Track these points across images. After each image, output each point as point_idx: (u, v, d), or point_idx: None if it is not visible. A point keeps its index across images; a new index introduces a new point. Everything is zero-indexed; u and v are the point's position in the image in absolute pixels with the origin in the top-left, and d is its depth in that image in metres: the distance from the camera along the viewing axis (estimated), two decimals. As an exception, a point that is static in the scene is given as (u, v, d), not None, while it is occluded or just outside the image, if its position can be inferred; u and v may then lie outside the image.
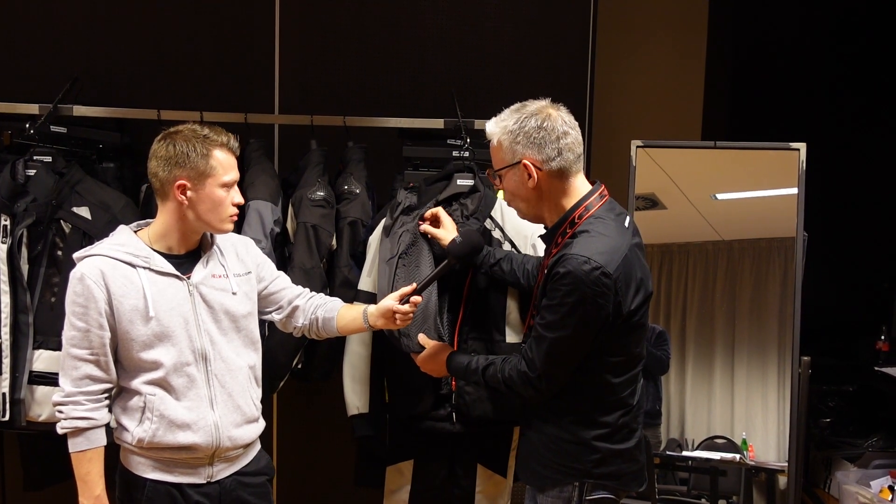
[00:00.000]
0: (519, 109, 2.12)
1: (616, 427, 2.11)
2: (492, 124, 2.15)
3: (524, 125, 2.08)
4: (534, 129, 2.07)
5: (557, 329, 2.01)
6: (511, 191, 2.16)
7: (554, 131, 2.07)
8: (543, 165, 2.08)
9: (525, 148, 2.08)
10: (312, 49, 3.49)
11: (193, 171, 2.10)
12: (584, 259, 1.97)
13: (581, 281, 1.96)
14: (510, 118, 2.11)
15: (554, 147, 2.07)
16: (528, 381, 2.09)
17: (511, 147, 2.09)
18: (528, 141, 2.07)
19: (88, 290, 2.06)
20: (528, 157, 2.08)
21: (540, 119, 2.08)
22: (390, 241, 2.66)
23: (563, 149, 2.08)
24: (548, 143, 2.07)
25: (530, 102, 2.13)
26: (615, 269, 1.99)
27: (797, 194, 3.27)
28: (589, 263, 1.96)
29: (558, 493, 2.13)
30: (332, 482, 3.61)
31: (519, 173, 2.10)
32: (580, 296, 1.97)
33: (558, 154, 2.07)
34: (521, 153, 2.08)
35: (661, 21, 4.36)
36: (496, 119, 2.15)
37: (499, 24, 3.52)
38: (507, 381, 2.14)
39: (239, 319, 2.23)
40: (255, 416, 2.28)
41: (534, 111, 2.10)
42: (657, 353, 3.35)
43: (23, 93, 3.13)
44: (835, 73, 4.58)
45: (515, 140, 2.08)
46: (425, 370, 2.41)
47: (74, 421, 2.08)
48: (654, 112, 4.30)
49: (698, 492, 3.39)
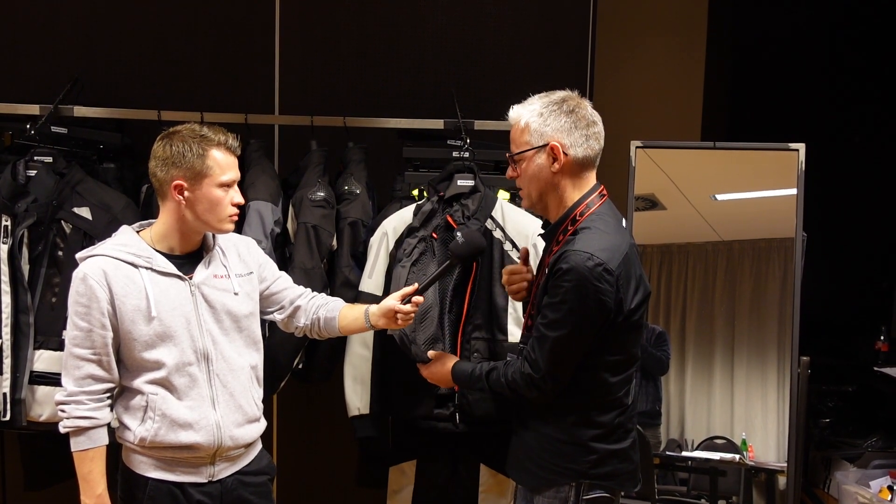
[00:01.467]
0: (547, 95, 2.12)
1: (612, 427, 2.11)
2: (518, 107, 2.13)
3: (555, 109, 2.08)
4: (565, 113, 2.07)
5: (560, 327, 2.01)
6: (529, 176, 2.12)
7: (584, 118, 2.08)
8: (570, 150, 2.07)
9: (555, 131, 2.07)
10: (313, 50, 3.49)
11: (189, 170, 2.10)
12: (587, 255, 1.97)
13: (584, 276, 1.96)
14: (538, 101, 2.11)
15: (582, 133, 2.07)
16: (531, 383, 2.07)
17: (540, 129, 2.08)
18: (558, 124, 2.06)
19: (91, 289, 2.07)
20: (557, 139, 2.07)
21: (572, 104, 2.09)
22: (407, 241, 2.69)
23: (591, 136, 2.09)
24: (578, 128, 2.07)
25: (557, 91, 2.13)
26: (617, 265, 1.99)
27: (796, 195, 3.27)
28: (592, 259, 1.97)
29: (555, 494, 2.12)
30: (332, 483, 3.61)
31: (544, 157, 2.08)
32: (583, 292, 1.97)
33: (585, 141, 2.08)
34: (550, 136, 2.07)
35: (661, 21, 4.36)
36: (521, 104, 2.14)
37: (499, 25, 3.53)
38: (511, 384, 2.12)
39: (241, 319, 2.24)
40: (256, 416, 2.28)
41: (563, 97, 2.10)
42: (657, 354, 3.36)
43: (23, 93, 3.14)
44: (834, 74, 4.58)
45: (545, 122, 2.07)
46: (432, 381, 2.39)
47: (77, 420, 2.09)
48: (654, 112, 4.30)
49: (698, 492, 3.40)
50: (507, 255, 2.75)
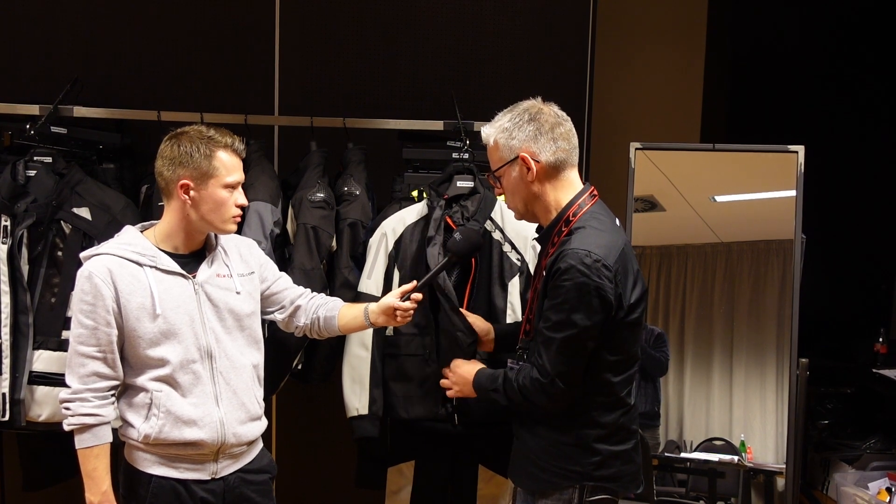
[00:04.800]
0: (511, 109, 2.18)
1: (615, 428, 2.12)
2: (487, 127, 2.20)
3: (517, 120, 2.13)
4: (526, 122, 2.12)
5: (565, 328, 2.02)
6: (511, 189, 2.17)
7: (546, 122, 2.12)
8: (540, 157, 2.11)
9: (521, 142, 2.12)
10: (312, 50, 3.50)
11: (196, 171, 2.13)
12: (584, 252, 2.00)
13: (583, 273, 1.98)
14: (503, 117, 2.17)
15: (549, 137, 2.11)
16: (541, 389, 2.06)
17: (507, 144, 2.13)
18: (523, 135, 2.12)
19: (96, 288, 2.09)
20: (525, 149, 2.11)
21: (533, 111, 2.14)
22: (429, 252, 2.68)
23: (558, 138, 2.12)
24: (542, 133, 2.11)
25: (521, 103, 2.19)
26: (614, 261, 2.02)
27: (795, 196, 3.28)
28: (590, 256, 1.99)
29: (558, 497, 2.13)
30: (331, 483, 3.61)
31: (518, 168, 2.13)
32: (583, 289, 1.98)
33: (553, 143, 2.12)
34: (518, 147, 2.12)
35: (661, 24, 4.36)
36: (489, 124, 2.20)
37: (498, 26, 3.53)
38: (522, 389, 2.10)
39: (243, 318, 2.26)
40: (258, 414, 2.31)
41: (525, 107, 2.16)
42: (656, 355, 3.36)
43: (23, 94, 3.14)
44: (833, 76, 4.58)
45: (511, 136, 2.13)
46: (455, 385, 2.36)
47: (81, 417, 2.10)
48: (653, 114, 4.30)
49: (697, 493, 3.40)
50: (506, 257, 2.75)
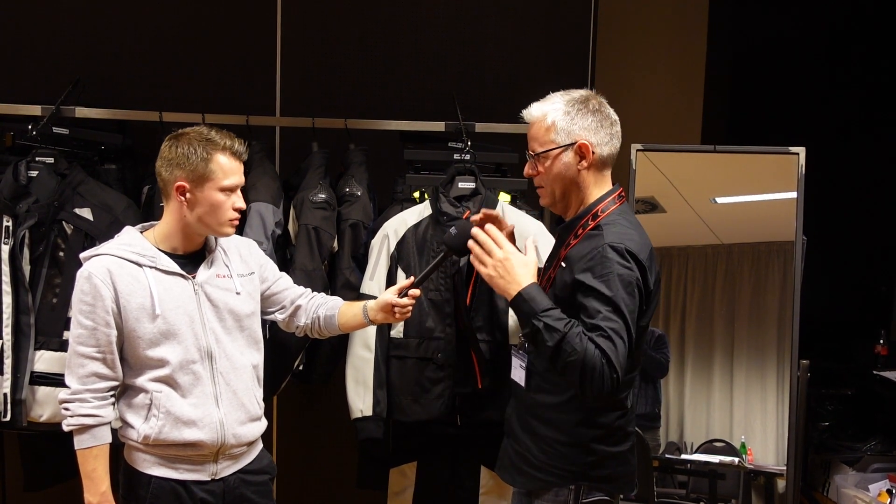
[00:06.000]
0: (569, 93, 2.12)
1: (613, 429, 2.11)
2: (540, 104, 2.12)
3: (581, 107, 2.08)
4: (591, 112, 2.08)
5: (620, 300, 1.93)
6: (554, 173, 2.10)
7: (608, 117, 2.11)
8: (597, 149, 2.08)
9: (582, 129, 2.07)
10: (314, 51, 3.50)
11: (192, 173, 2.12)
12: (621, 245, 1.98)
13: (621, 265, 1.96)
14: (562, 99, 2.10)
15: (608, 132, 2.09)
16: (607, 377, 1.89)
17: (567, 127, 2.07)
18: (585, 123, 2.07)
19: (96, 288, 2.08)
20: (585, 138, 2.07)
21: (596, 104, 2.10)
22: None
23: (614, 136, 2.11)
24: (603, 127, 2.09)
25: (577, 90, 2.13)
26: (646, 258, 2.02)
27: (796, 198, 3.28)
28: (625, 245, 1.98)
29: (553, 497, 2.12)
30: (333, 484, 3.61)
31: (571, 155, 2.08)
32: (627, 278, 1.96)
33: (610, 140, 2.10)
34: (578, 134, 2.07)
35: (661, 24, 4.36)
36: (542, 102, 2.13)
37: (500, 28, 3.54)
38: (591, 360, 1.88)
39: (243, 319, 2.26)
40: (258, 415, 2.30)
41: (586, 96, 2.11)
42: (656, 357, 3.36)
43: (25, 94, 3.14)
44: (834, 78, 4.59)
45: (572, 121, 2.07)
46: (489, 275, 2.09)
47: (81, 418, 2.10)
48: (654, 116, 4.30)
49: (697, 495, 3.39)
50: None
